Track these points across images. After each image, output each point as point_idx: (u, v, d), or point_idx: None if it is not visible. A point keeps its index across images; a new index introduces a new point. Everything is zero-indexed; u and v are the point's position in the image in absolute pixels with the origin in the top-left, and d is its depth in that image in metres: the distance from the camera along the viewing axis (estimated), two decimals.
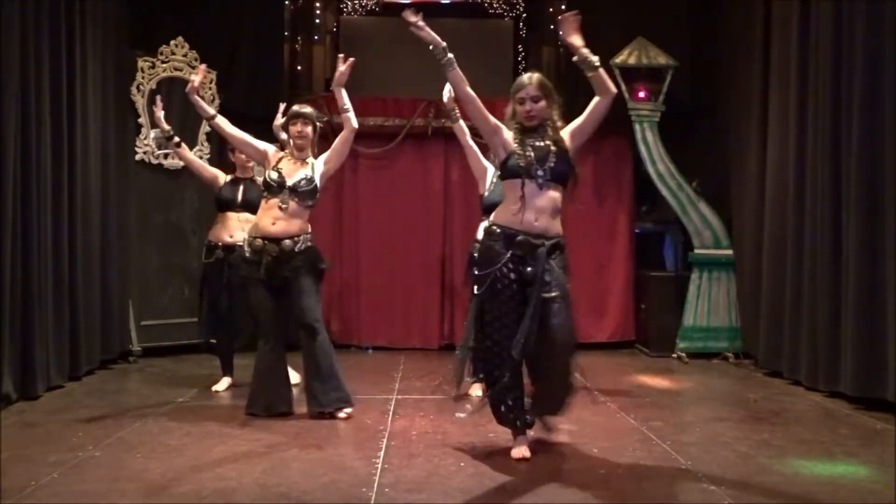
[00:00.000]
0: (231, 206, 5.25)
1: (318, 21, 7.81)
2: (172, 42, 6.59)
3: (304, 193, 4.49)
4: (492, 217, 3.80)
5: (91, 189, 5.74)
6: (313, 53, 7.78)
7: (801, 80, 5.56)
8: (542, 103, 3.67)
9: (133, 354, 6.29)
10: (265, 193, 4.56)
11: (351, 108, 4.59)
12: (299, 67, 7.65)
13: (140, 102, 6.45)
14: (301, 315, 4.47)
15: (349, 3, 7.88)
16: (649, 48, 6.86)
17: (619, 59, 6.84)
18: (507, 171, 3.67)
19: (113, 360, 6.11)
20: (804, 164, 5.52)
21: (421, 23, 3.56)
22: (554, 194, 3.64)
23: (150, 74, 6.49)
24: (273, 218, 4.47)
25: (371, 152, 6.96)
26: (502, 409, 3.72)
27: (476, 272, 3.78)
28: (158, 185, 6.60)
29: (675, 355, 6.67)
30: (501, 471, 3.52)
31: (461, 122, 4.94)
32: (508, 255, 3.60)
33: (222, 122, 4.63)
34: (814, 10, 5.42)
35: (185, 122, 6.61)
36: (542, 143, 3.65)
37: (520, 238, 3.61)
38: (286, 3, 7.45)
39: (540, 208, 3.61)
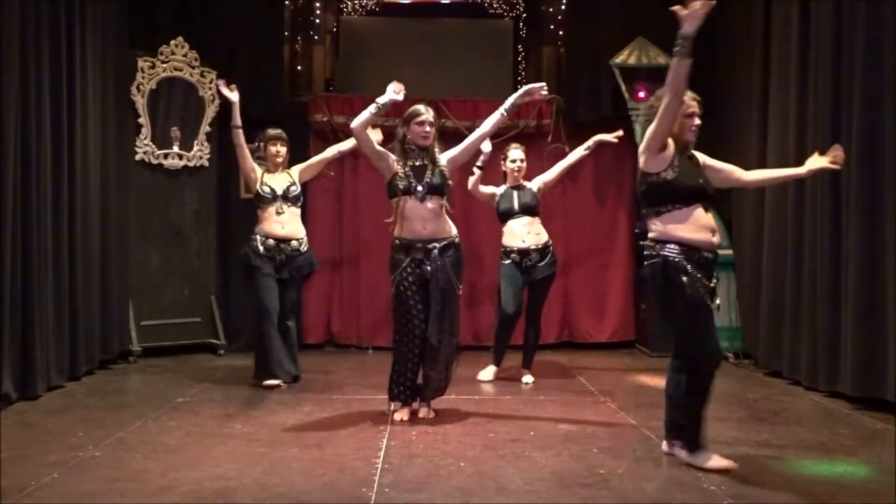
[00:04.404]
0: (512, 214, 5.68)
1: (318, 21, 7.80)
2: (172, 42, 6.59)
3: (294, 198, 5.42)
4: (395, 232, 4.45)
5: (91, 189, 5.73)
6: (313, 53, 7.77)
7: (801, 79, 5.56)
8: (434, 129, 4.46)
9: (133, 354, 6.29)
10: (260, 205, 5.38)
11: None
12: (299, 67, 7.65)
13: (140, 102, 6.45)
14: (292, 305, 5.51)
15: (349, 3, 7.85)
16: (649, 48, 6.86)
17: (619, 59, 6.84)
18: (392, 191, 4.40)
19: (113, 360, 6.11)
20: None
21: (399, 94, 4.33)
22: (434, 204, 4.36)
23: (150, 74, 6.49)
24: (280, 223, 5.35)
25: None
26: (396, 389, 4.49)
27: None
28: (158, 185, 6.60)
29: None
30: (501, 471, 3.52)
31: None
32: (408, 260, 4.34)
33: (241, 134, 5.41)
34: (814, 10, 5.42)
35: (186, 121, 6.63)
36: (420, 163, 4.40)
37: (417, 245, 4.34)
38: (286, 3, 7.45)
39: (424, 218, 4.35)
